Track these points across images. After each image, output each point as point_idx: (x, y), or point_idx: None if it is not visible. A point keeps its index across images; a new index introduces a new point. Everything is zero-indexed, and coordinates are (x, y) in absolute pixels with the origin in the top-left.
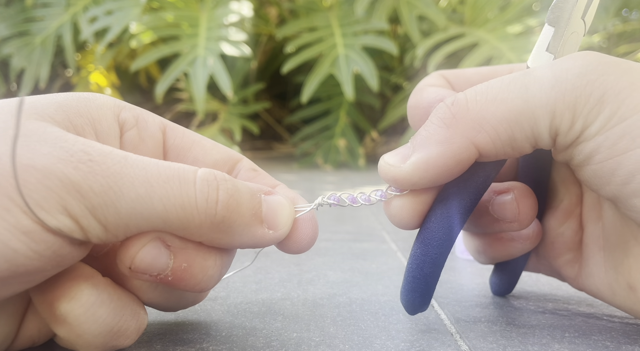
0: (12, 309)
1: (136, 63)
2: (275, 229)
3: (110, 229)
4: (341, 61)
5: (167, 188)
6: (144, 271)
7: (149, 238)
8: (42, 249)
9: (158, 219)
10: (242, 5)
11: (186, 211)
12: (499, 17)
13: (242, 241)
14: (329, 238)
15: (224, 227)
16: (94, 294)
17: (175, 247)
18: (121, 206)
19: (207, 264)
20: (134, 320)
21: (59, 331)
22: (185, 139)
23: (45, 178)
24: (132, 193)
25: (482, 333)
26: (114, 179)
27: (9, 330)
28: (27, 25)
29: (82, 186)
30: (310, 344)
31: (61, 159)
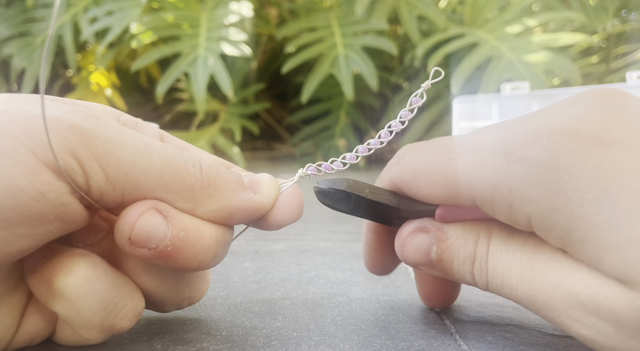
0: (14, 302)
1: (136, 63)
2: (261, 193)
3: (111, 177)
4: (341, 61)
5: (163, 150)
6: (144, 242)
7: (146, 207)
8: (46, 191)
9: (155, 174)
10: (242, 5)
11: (179, 171)
12: (498, 17)
13: (232, 204)
14: (329, 238)
15: (212, 190)
16: (90, 267)
17: (171, 216)
18: (123, 155)
19: (203, 234)
20: (131, 299)
21: (57, 308)
22: (181, 144)
23: (53, 122)
24: (134, 147)
25: (482, 333)
26: (117, 133)
27: (10, 323)
28: (27, 26)
29: (88, 132)
30: (310, 344)
31: (70, 112)
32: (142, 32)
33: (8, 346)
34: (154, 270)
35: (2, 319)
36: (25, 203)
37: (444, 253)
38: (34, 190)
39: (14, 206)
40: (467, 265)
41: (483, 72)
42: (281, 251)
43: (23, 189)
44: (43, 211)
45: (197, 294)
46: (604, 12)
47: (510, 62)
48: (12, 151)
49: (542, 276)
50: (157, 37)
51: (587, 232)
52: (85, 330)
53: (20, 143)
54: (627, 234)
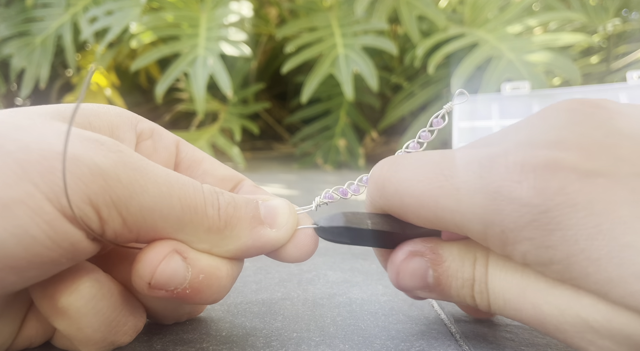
0: (15, 310)
1: (136, 63)
2: (278, 228)
3: (128, 223)
4: (341, 61)
5: (184, 190)
6: (164, 285)
7: (166, 251)
8: (61, 240)
9: (174, 218)
10: (242, 5)
11: (198, 214)
12: (498, 17)
13: (248, 244)
14: None
15: (228, 232)
16: (95, 287)
17: (190, 258)
18: (144, 200)
19: (220, 274)
20: (133, 317)
21: (59, 325)
22: (196, 154)
23: (74, 165)
24: (156, 189)
25: (482, 333)
26: (140, 173)
27: (11, 330)
28: (27, 26)
29: (109, 174)
30: (310, 344)
31: (91, 148)
32: (141, 32)
33: (7, 350)
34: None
35: (4, 326)
36: (37, 253)
37: (441, 277)
38: (49, 240)
39: (25, 256)
40: (466, 288)
41: (483, 72)
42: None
43: (37, 239)
44: (55, 258)
45: (198, 309)
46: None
47: (510, 62)
48: (28, 198)
49: (546, 299)
50: (157, 37)
51: (587, 267)
52: (84, 346)
53: (38, 190)
54: (630, 268)
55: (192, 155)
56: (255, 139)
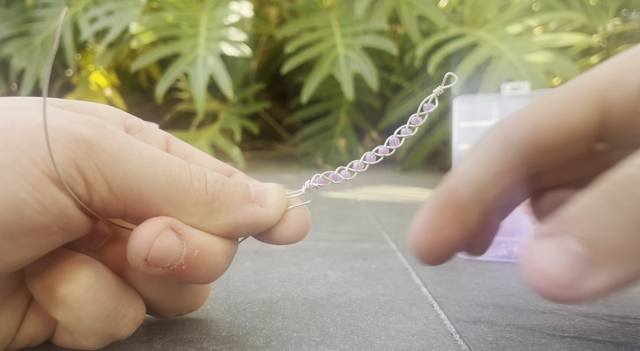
0: (15, 306)
1: (136, 63)
2: (268, 207)
3: (115, 189)
4: (341, 61)
5: (169, 164)
6: (159, 262)
7: (161, 227)
8: (49, 203)
9: (160, 189)
10: (242, 5)
11: (184, 186)
12: (498, 17)
13: (237, 219)
14: (329, 238)
15: (216, 205)
16: (93, 276)
17: (185, 234)
18: (128, 168)
19: (215, 250)
20: (132, 308)
21: (58, 315)
22: (186, 148)
23: (58, 134)
24: (140, 159)
25: (482, 333)
26: (123, 145)
27: (11, 326)
28: (27, 26)
29: (93, 142)
30: (310, 344)
31: (75, 121)
32: (141, 32)
33: (7, 348)
34: (157, 279)
35: (3, 322)
36: (28, 216)
37: None
38: (37, 203)
39: (16, 219)
40: None
41: (483, 72)
42: (281, 251)
43: (26, 202)
44: (46, 223)
45: (199, 301)
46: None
47: (510, 62)
48: (15, 163)
49: None
50: (157, 37)
51: None
52: (84, 337)
53: (24, 155)
54: None
55: (183, 149)
56: (255, 139)
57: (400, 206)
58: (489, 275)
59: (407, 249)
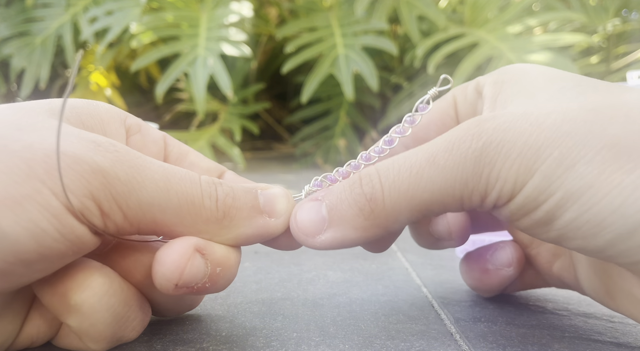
0: (18, 308)
1: (136, 63)
2: (277, 217)
3: (129, 217)
4: (341, 61)
5: (181, 185)
6: (189, 284)
7: (190, 251)
8: (68, 233)
9: (173, 212)
10: (242, 5)
11: (196, 207)
12: (498, 17)
13: (247, 233)
14: None
15: (227, 222)
16: (106, 283)
17: (208, 254)
18: (142, 195)
19: (232, 263)
20: (141, 312)
21: (72, 322)
22: (182, 148)
23: (75, 163)
24: (153, 184)
25: (482, 333)
26: (137, 170)
27: (12, 328)
28: (27, 26)
29: (109, 172)
30: (310, 344)
31: (90, 148)
32: (141, 32)
33: (8, 349)
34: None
35: (5, 325)
36: (47, 245)
37: None
38: (57, 233)
39: (36, 248)
40: None
41: (483, 72)
42: (281, 251)
43: (47, 232)
44: (63, 250)
45: (198, 300)
46: (604, 12)
47: (510, 62)
48: (37, 194)
49: None
50: (157, 37)
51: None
52: (94, 341)
53: (44, 186)
54: None
55: (179, 148)
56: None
57: None
58: None
59: (407, 249)
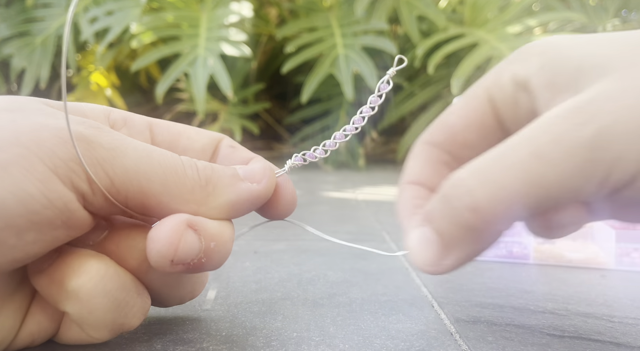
0: (17, 304)
1: (136, 63)
2: (258, 182)
3: (116, 182)
4: (341, 61)
5: (163, 156)
6: (184, 260)
7: (182, 226)
8: (55, 198)
9: (158, 180)
10: (242, 5)
11: (179, 175)
12: (498, 17)
13: (232, 198)
14: None
15: (211, 189)
16: (102, 268)
17: (201, 229)
18: (127, 162)
19: (226, 238)
20: (140, 298)
21: (71, 309)
22: (171, 132)
23: (60, 132)
24: (135, 153)
25: (482, 333)
26: (119, 142)
27: (12, 325)
28: (27, 26)
29: (92, 140)
30: (310, 344)
31: (74, 122)
32: (142, 32)
33: (8, 347)
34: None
35: (5, 321)
36: (35, 210)
37: None
38: (44, 197)
39: (24, 212)
40: None
41: (483, 72)
42: (281, 251)
43: (33, 196)
44: (51, 217)
45: (199, 287)
46: (604, 12)
47: None
48: (22, 159)
49: None
50: (157, 37)
51: None
52: (95, 329)
53: (29, 152)
54: None
55: (168, 135)
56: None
57: None
58: (489, 275)
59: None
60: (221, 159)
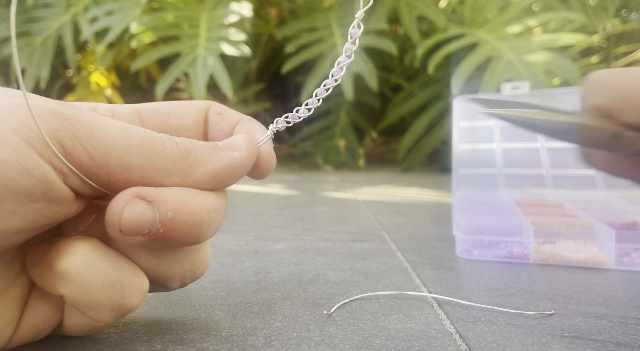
0: (14, 296)
1: (136, 63)
2: (239, 150)
3: (95, 156)
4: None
5: (140, 131)
6: (135, 230)
7: (127, 197)
8: (31, 167)
9: (137, 153)
10: (242, 5)
11: (158, 147)
12: (498, 17)
13: (215, 167)
14: (329, 238)
15: (192, 159)
16: (90, 248)
17: (155, 200)
18: (105, 136)
19: (191, 209)
20: (135, 277)
21: (64, 290)
22: (160, 115)
23: (36, 108)
24: (114, 129)
25: (482, 333)
26: (97, 118)
27: (10, 317)
28: (27, 26)
29: (68, 116)
30: (310, 344)
31: (49, 101)
32: (142, 32)
33: (12, 339)
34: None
35: (2, 313)
36: (10, 177)
37: None
38: (19, 165)
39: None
40: None
41: (483, 72)
42: (281, 251)
43: (8, 163)
44: (29, 186)
45: (199, 267)
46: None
47: (510, 62)
48: None
49: None
50: (157, 37)
51: None
52: (94, 310)
53: (3, 124)
54: None
55: (158, 118)
56: None
57: (400, 206)
58: (489, 275)
59: (407, 249)
60: (212, 129)
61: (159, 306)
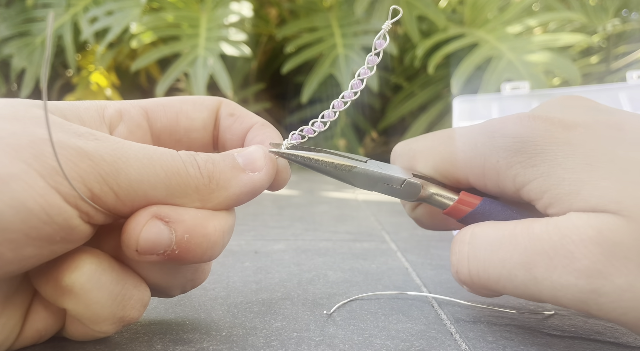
0: (17, 303)
1: (136, 63)
2: (259, 170)
3: (121, 196)
4: (341, 61)
5: (163, 159)
6: (150, 250)
7: (146, 218)
8: (55, 214)
9: (162, 185)
10: (242, 5)
11: (182, 177)
12: (498, 17)
13: (237, 192)
14: (329, 238)
15: (214, 185)
16: (95, 262)
17: (173, 221)
18: (130, 173)
19: (207, 231)
20: (137, 290)
21: (67, 304)
22: (169, 115)
23: (61, 148)
24: (137, 162)
25: (482, 333)
26: (120, 152)
27: (14, 323)
28: (27, 26)
29: (94, 155)
30: (310, 344)
31: (72, 135)
32: (142, 32)
33: (14, 344)
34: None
35: (7, 320)
36: (34, 226)
37: None
38: (44, 213)
39: (23, 228)
40: None
41: (483, 72)
42: (281, 251)
43: (33, 212)
44: (50, 233)
45: (200, 275)
46: (604, 12)
47: (510, 62)
48: (24, 174)
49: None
50: (157, 37)
51: (563, 174)
52: (95, 323)
53: (31, 168)
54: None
55: (166, 120)
56: None
57: (400, 206)
58: None
59: (407, 249)
60: (223, 132)
61: (159, 306)
